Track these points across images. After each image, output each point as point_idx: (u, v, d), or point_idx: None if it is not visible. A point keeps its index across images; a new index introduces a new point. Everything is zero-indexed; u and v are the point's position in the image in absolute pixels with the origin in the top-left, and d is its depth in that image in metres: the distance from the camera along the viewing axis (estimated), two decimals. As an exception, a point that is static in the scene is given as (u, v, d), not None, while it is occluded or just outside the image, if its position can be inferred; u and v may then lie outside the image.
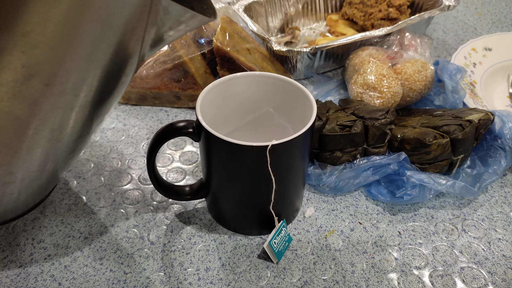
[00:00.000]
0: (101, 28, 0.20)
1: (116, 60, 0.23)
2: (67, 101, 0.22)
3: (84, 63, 0.21)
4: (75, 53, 0.20)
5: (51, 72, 0.20)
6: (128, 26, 0.21)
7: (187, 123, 0.36)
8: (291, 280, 0.37)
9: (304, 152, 0.36)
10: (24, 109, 0.20)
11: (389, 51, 0.56)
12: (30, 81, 0.19)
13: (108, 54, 0.22)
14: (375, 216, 0.43)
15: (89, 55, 0.21)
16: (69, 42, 0.19)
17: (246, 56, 0.56)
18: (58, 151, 0.26)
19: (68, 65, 0.20)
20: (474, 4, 0.85)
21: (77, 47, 0.20)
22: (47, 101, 0.21)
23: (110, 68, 0.23)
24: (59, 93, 0.21)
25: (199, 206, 0.44)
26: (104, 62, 0.22)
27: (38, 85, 0.20)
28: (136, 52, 0.24)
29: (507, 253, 0.40)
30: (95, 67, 0.22)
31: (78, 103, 0.23)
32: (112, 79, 0.24)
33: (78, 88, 0.22)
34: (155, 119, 0.55)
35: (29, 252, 0.39)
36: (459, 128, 0.43)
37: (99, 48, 0.21)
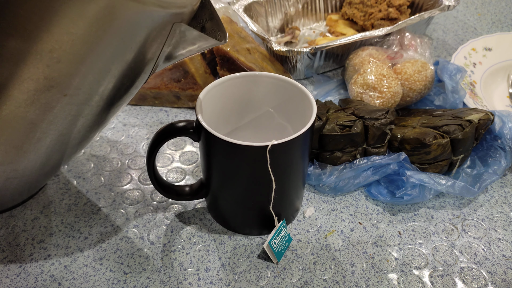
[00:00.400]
0: (121, 48, 0.22)
1: (130, 74, 0.24)
2: (80, 109, 0.23)
3: (101, 77, 0.22)
4: (94, 68, 0.21)
5: (70, 84, 0.21)
6: (146, 47, 0.23)
7: (187, 123, 0.36)
8: (291, 280, 0.37)
9: (304, 152, 0.36)
10: (40, 115, 0.21)
11: (389, 51, 0.56)
12: (50, 91, 0.21)
13: (124, 69, 0.23)
14: (375, 216, 0.43)
15: (107, 70, 0.22)
16: (90, 59, 0.21)
17: (246, 56, 0.56)
18: (63, 152, 0.27)
19: (86, 78, 0.21)
20: (474, 4, 0.85)
21: (97, 63, 0.21)
22: (62, 109, 0.22)
23: (124, 81, 0.24)
24: (74, 102, 0.22)
25: (199, 206, 0.44)
26: (119, 76, 0.23)
27: (56, 94, 0.21)
28: (149, 67, 0.25)
29: (507, 253, 0.40)
30: (110, 81, 0.23)
31: (89, 111, 0.24)
32: (124, 90, 0.25)
33: (91, 98, 0.23)
34: (155, 119, 0.55)
35: (29, 252, 0.39)
36: (459, 128, 0.43)
37: (117, 64, 0.22)
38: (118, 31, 0.20)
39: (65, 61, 0.20)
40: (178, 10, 0.23)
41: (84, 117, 0.25)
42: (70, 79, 0.21)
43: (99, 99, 0.24)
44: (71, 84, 0.21)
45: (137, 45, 0.22)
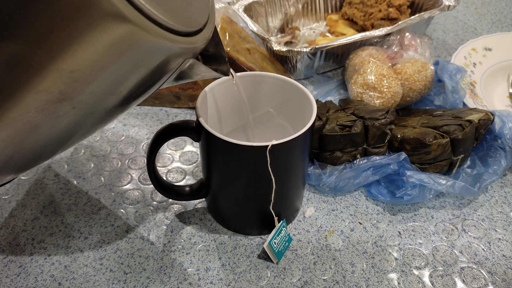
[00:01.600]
0: (134, 74, 0.24)
1: (136, 94, 0.27)
2: (84, 119, 0.25)
3: (110, 95, 0.25)
4: (105, 89, 0.23)
5: (81, 100, 0.23)
6: (157, 74, 0.25)
7: (187, 123, 0.36)
8: (291, 280, 0.37)
9: (304, 152, 0.36)
10: (45, 122, 0.23)
11: (389, 51, 0.56)
12: (61, 103, 0.22)
13: (132, 90, 0.26)
14: (375, 216, 0.43)
15: (117, 91, 0.24)
16: (104, 81, 0.23)
17: (246, 56, 0.56)
18: (57, 149, 0.29)
19: (96, 96, 0.24)
20: (474, 4, 0.85)
21: (109, 85, 0.23)
22: (67, 118, 0.24)
23: (129, 99, 0.27)
24: (81, 114, 0.24)
25: (199, 206, 0.44)
26: (125, 94, 0.26)
27: (66, 107, 0.23)
28: (155, 88, 0.28)
29: (507, 253, 0.40)
30: (117, 98, 0.25)
31: (92, 121, 0.27)
32: (127, 104, 0.28)
33: (97, 112, 0.26)
34: (155, 119, 0.55)
35: (29, 252, 0.39)
36: (459, 128, 0.43)
37: (126, 86, 0.25)
38: (134, 61, 0.22)
39: (82, 81, 0.22)
40: (192, 49, 0.26)
41: (85, 125, 0.26)
42: (82, 96, 0.23)
43: (104, 112, 0.26)
44: (82, 100, 0.23)
45: (148, 72, 0.24)
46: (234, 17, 0.63)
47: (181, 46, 0.24)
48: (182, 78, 0.29)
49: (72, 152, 0.50)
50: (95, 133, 0.31)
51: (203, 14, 0.28)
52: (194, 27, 0.26)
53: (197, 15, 0.27)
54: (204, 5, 0.28)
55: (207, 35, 0.27)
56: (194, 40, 0.25)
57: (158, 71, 0.25)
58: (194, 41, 0.25)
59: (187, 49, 0.25)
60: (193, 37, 0.25)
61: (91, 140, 0.52)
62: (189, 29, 0.25)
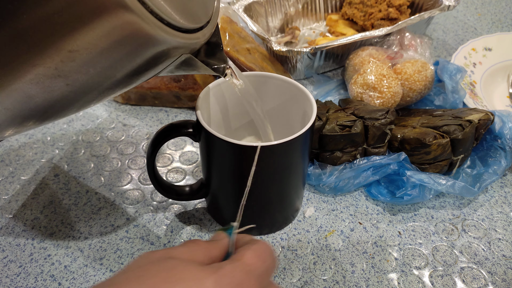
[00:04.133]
0: (131, 63, 0.24)
1: (132, 80, 0.27)
2: (77, 96, 0.26)
3: (105, 79, 0.25)
4: (101, 72, 0.24)
5: (76, 79, 0.24)
6: (153, 64, 0.26)
7: (187, 123, 0.36)
8: (291, 280, 0.37)
9: (304, 152, 0.36)
10: (39, 93, 0.24)
11: (389, 51, 0.56)
12: (56, 79, 0.23)
13: (127, 76, 0.26)
14: (375, 216, 0.43)
15: (112, 75, 0.25)
16: (101, 65, 0.23)
17: (246, 56, 0.56)
18: (47, 121, 0.30)
19: (91, 78, 0.24)
20: (474, 4, 0.85)
21: (105, 69, 0.24)
22: (60, 93, 0.25)
23: (124, 83, 0.27)
24: (75, 91, 0.25)
25: (199, 206, 0.44)
26: (120, 79, 0.26)
27: (60, 83, 0.23)
28: (150, 76, 0.28)
29: (507, 253, 0.40)
30: (111, 81, 0.26)
31: (86, 99, 0.27)
32: (121, 88, 0.28)
33: (90, 92, 0.26)
34: (155, 119, 0.55)
35: (29, 252, 0.39)
36: (459, 128, 0.43)
37: (122, 72, 0.25)
38: (132, 50, 0.23)
39: (79, 61, 0.22)
40: (191, 45, 0.26)
41: (77, 101, 0.27)
42: (77, 75, 0.23)
43: (97, 92, 0.27)
44: (77, 79, 0.24)
45: (144, 62, 0.25)
46: (234, 17, 0.63)
47: (180, 42, 0.24)
48: (178, 70, 0.29)
49: (72, 152, 0.50)
50: (87, 109, 0.31)
51: (207, 12, 0.28)
52: (196, 24, 0.26)
53: (200, 13, 0.27)
54: (209, 3, 0.28)
55: (207, 33, 0.28)
56: (193, 37, 0.26)
57: (154, 62, 0.26)
58: (193, 38, 0.26)
59: (186, 45, 0.25)
60: (193, 34, 0.26)
61: (91, 140, 0.52)
62: (190, 25, 0.25)
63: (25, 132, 0.53)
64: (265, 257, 0.25)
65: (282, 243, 0.40)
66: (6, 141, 0.52)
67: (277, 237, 0.41)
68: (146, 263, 0.23)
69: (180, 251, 0.25)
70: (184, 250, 0.25)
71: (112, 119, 0.55)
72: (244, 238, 0.29)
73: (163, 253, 0.24)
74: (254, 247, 0.26)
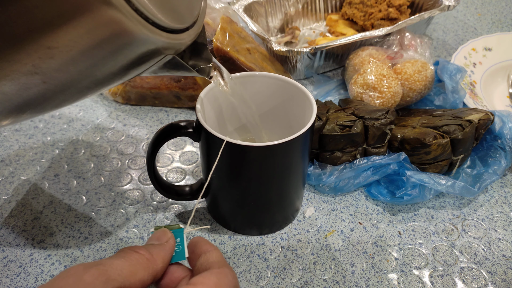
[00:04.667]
0: (112, 62, 0.24)
1: (112, 80, 0.26)
2: (53, 94, 0.25)
3: (84, 77, 0.24)
4: (80, 70, 0.23)
5: (53, 76, 0.23)
6: (135, 65, 0.25)
7: (187, 123, 0.36)
8: (291, 280, 0.37)
9: (304, 152, 0.36)
10: (14, 90, 0.23)
11: (389, 51, 0.56)
12: (33, 76, 0.22)
13: (107, 76, 0.25)
14: (375, 216, 0.43)
15: (92, 74, 0.24)
16: (81, 63, 0.22)
17: (246, 56, 0.56)
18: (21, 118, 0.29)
19: (70, 76, 0.23)
20: (474, 4, 0.85)
21: (85, 68, 0.23)
22: (37, 91, 0.24)
23: (104, 83, 0.26)
24: (52, 90, 0.24)
25: (199, 206, 0.44)
26: (100, 78, 0.25)
27: (36, 80, 0.22)
28: (131, 77, 0.28)
29: (507, 253, 0.40)
30: (91, 80, 0.25)
31: (61, 98, 0.26)
32: (100, 88, 0.27)
33: (68, 90, 0.25)
34: (155, 119, 0.55)
35: (29, 252, 0.39)
36: (459, 128, 0.43)
37: (102, 71, 0.24)
38: (114, 48, 0.22)
39: (58, 59, 0.21)
40: (175, 45, 0.25)
41: (54, 100, 0.26)
42: (55, 73, 0.22)
43: (76, 91, 0.26)
44: (55, 76, 0.23)
45: (127, 62, 0.24)
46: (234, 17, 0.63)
47: (164, 42, 0.24)
48: (161, 71, 0.29)
49: (72, 152, 0.50)
50: (63, 108, 0.30)
51: (192, 13, 0.28)
52: (181, 24, 0.26)
53: (186, 13, 0.26)
54: (195, 4, 0.28)
55: (193, 35, 0.27)
56: (178, 38, 0.25)
57: (137, 62, 0.25)
58: (178, 39, 0.25)
59: (170, 45, 0.25)
60: (178, 35, 0.25)
61: (91, 140, 0.52)
62: (176, 26, 0.25)
63: (25, 132, 0.53)
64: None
65: (282, 243, 0.40)
66: (6, 141, 0.52)
67: (277, 237, 0.41)
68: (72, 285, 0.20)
69: (119, 267, 0.22)
70: (123, 265, 0.23)
71: (112, 119, 0.55)
72: (201, 246, 0.26)
73: (97, 273, 0.21)
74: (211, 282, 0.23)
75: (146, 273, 0.23)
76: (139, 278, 0.23)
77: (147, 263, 0.24)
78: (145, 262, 0.23)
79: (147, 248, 0.25)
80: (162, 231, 0.27)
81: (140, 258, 0.23)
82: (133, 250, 0.24)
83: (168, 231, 0.27)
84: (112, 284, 0.21)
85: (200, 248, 0.27)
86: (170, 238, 0.26)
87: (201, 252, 0.26)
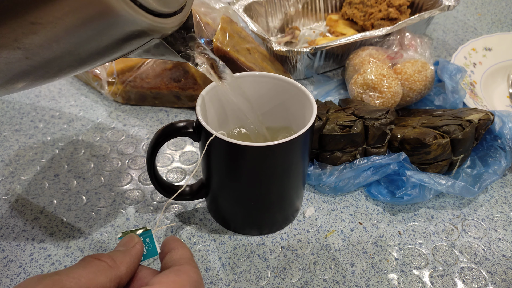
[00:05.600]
0: (97, 41, 0.23)
1: (96, 60, 0.26)
2: (36, 71, 0.25)
3: (67, 55, 0.24)
4: (64, 48, 0.23)
5: (36, 52, 0.22)
6: (120, 46, 0.25)
7: (187, 123, 0.36)
8: (291, 280, 0.37)
9: (304, 152, 0.36)
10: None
11: (389, 51, 0.56)
12: (15, 51, 0.22)
13: (91, 55, 0.25)
14: (375, 216, 0.43)
15: (75, 52, 0.24)
16: (65, 41, 0.22)
17: (246, 56, 0.56)
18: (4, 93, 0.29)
19: (53, 53, 0.23)
20: (474, 4, 0.85)
21: (69, 45, 0.23)
22: (19, 67, 0.23)
23: (87, 63, 0.26)
24: (34, 66, 0.24)
25: (199, 206, 0.44)
26: (84, 58, 0.25)
27: (19, 55, 0.22)
28: (116, 57, 0.27)
29: (507, 253, 0.40)
30: (74, 59, 0.25)
31: (45, 74, 0.26)
32: (84, 67, 0.27)
33: (50, 66, 0.25)
34: (155, 119, 0.55)
35: (29, 252, 0.39)
36: (459, 128, 0.43)
37: (86, 50, 0.24)
38: (99, 28, 0.22)
39: (41, 35, 0.21)
40: (161, 29, 0.25)
41: (36, 76, 0.26)
42: (38, 49, 0.22)
43: (58, 69, 0.26)
44: (38, 53, 0.22)
45: (111, 42, 0.24)
46: (234, 17, 0.63)
47: (150, 25, 0.24)
48: (146, 54, 0.29)
49: (72, 152, 0.50)
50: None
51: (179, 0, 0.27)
52: (168, 9, 0.25)
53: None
54: None
55: (179, 20, 0.27)
56: (165, 22, 0.25)
57: (122, 44, 0.25)
58: (165, 23, 0.25)
59: (156, 29, 0.25)
60: (165, 19, 0.25)
61: (91, 140, 0.52)
62: (163, 9, 0.25)
63: (25, 132, 0.53)
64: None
65: (282, 243, 0.40)
66: (6, 141, 0.52)
67: (277, 237, 0.41)
68: None
69: (76, 276, 0.22)
70: (82, 273, 0.22)
71: (112, 119, 0.55)
72: (169, 245, 0.27)
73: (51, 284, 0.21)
74: (170, 280, 0.23)
75: (108, 279, 0.23)
76: (100, 285, 0.22)
77: (109, 269, 0.23)
78: (106, 268, 0.23)
79: (110, 254, 0.25)
80: (129, 236, 0.27)
81: (101, 265, 0.23)
82: (94, 258, 0.24)
83: (135, 236, 0.27)
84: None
85: (168, 246, 0.27)
86: (137, 243, 0.26)
87: (168, 250, 0.27)
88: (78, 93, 0.60)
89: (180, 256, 0.26)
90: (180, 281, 0.23)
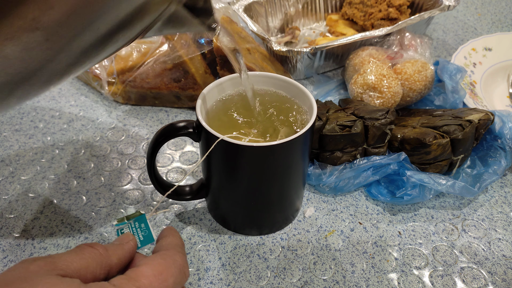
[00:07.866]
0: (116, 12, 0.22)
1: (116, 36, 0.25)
2: (58, 55, 0.24)
3: (87, 32, 0.23)
4: (83, 23, 0.22)
5: (55, 31, 0.21)
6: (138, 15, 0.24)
7: (187, 123, 0.36)
8: (291, 280, 0.37)
9: (304, 152, 0.36)
10: (15, 52, 0.21)
11: (389, 51, 0.56)
12: (34, 32, 0.21)
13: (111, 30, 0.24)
14: (375, 216, 0.43)
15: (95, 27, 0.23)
16: (83, 14, 0.21)
17: (246, 56, 0.56)
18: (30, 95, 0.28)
19: (73, 30, 0.22)
20: (474, 4, 0.85)
21: (88, 19, 0.22)
22: (39, 52, 0.22)
23: (108, 40, 0.25)
24: (55, 49, 0.23)
25: (199, 206, 0.44)
26: (104, 34, 0.24)
27: (38, 38, 0.21)
28: (136, 34, 0.26)
29: (507, 253, 0.40)
30: (94, 36, 0.24)
31: (67, 60, 0.25)
32: (106, 47, 0.26)
33: (71, 48, 0.24)
34: (155, 119, 0.55)
35: (29, 252, 0.39)
36: (459, 128, 0.43)
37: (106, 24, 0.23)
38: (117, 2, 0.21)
39: (58, 9, 0.20)
40: None
41: (59, 63, 0.25)
42: (57, 27, 0.21)
43: (79, 51, 0.25)
44: (57, 32, 0.21)
45: (130, 10, 0.23)
46: (234, 17, 0.63)
47: None
48: (166, 26, 0.28)
49: (72, 152, 0.50)
50: (68, 78, 0.29)
51: None
52: None
53: None
54: None
55: None
56: None
57: (140, 10, 0.24)
58: None
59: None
60: None
61: (91, 140, 0.52)
62: None
63: (25, 132, 0.52)
64: (166, 276, 0.24)
65: (282, 243, 0.40)
66: (6, 141, 0.52)
67: (277, 237, 0.41)
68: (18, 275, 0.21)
69: (68, 260, 0.23)
70: (74, 258, 0.23)
71: (112, 119, 0.55)
72: (163, 233, 0.28)
73: (43, 264, 0.22)
74: (155, 262, 0.24)
75: (98, 266, 0.24)
76: (90, 271, 0.23)
77: (100, 257, 0.24)
78: (98, 256, 0.24)
79: (104, 245, 0.26)
80: (126, 234, 0.28)
81: (93, 252, 0.24)
82: (88, 246, 0.25)
83: (130, 234, 0.29)
84: (58, 272, 0.22)
85: (161, 235, 0.28)
86: (131, 240, 0.28)
87: (160, 238, 0.28)
88: (78, 93, 0.60)
89: (169, 242, 0.27)
90: (165, 263, 0.25)
